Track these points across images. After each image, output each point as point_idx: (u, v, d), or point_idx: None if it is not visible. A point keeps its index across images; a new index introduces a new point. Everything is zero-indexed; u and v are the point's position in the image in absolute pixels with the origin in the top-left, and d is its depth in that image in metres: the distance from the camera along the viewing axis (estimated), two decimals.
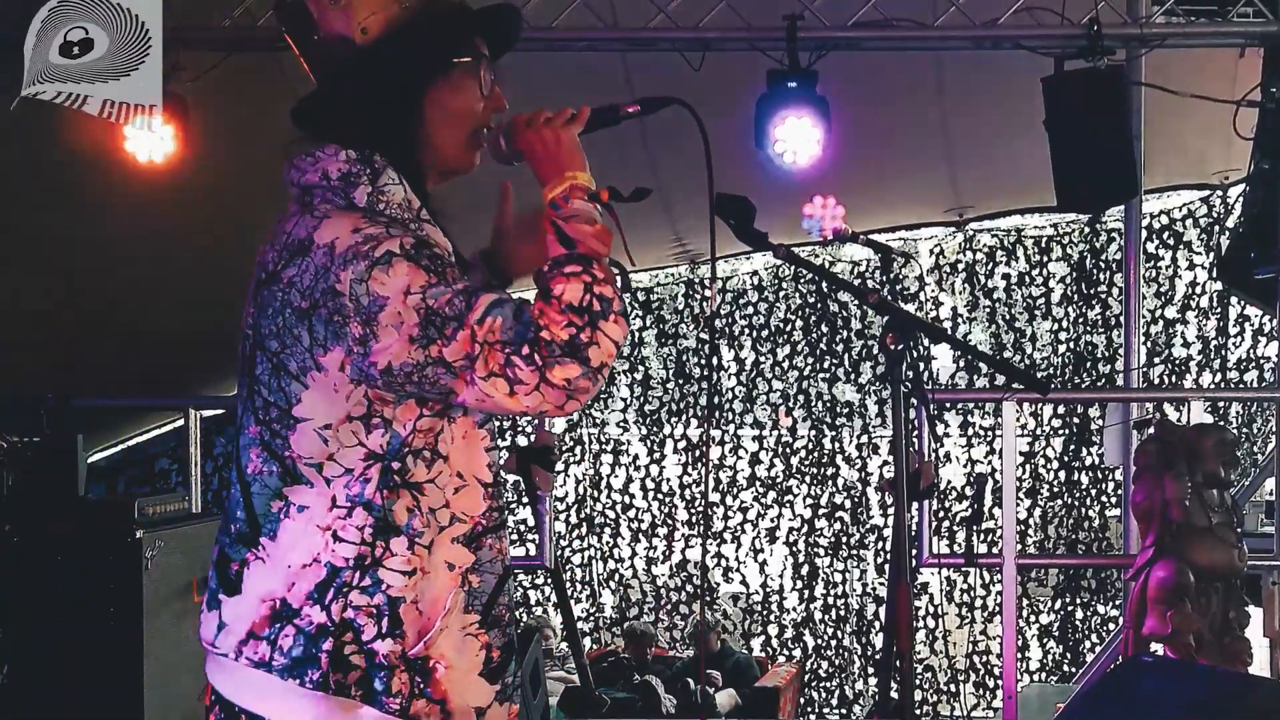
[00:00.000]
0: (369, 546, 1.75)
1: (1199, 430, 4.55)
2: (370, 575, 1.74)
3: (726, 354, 9.06)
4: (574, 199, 1.81)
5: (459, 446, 1.81)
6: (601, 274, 1.74)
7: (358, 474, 1.75)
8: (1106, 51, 5.05)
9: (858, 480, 8.94)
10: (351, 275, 1.70)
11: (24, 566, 4.23)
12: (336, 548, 1.75)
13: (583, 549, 9.16)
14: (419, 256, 1.71)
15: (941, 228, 8.71)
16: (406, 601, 1.75)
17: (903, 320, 2.39)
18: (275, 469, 1.77)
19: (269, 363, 1.78)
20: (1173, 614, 4.30)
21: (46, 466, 4.45)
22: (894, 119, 6.77)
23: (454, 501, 1.80)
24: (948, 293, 8.86)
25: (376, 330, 1.69)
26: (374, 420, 1.75)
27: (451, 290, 1.70)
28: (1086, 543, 8.71)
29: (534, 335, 1.67)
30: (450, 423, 1.80)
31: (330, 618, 1.73)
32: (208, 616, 1.82)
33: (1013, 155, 6.86)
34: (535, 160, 1.85)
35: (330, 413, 1.75)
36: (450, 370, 1.69)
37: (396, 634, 1.75)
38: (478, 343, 1.67)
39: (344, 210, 1.78)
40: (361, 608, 1.74)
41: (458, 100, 1.87)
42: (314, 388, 1.75)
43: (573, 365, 1.67)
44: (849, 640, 8.93)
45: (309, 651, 1.73)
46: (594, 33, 5.25)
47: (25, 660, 4.19)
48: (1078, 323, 8.73)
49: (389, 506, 1.76)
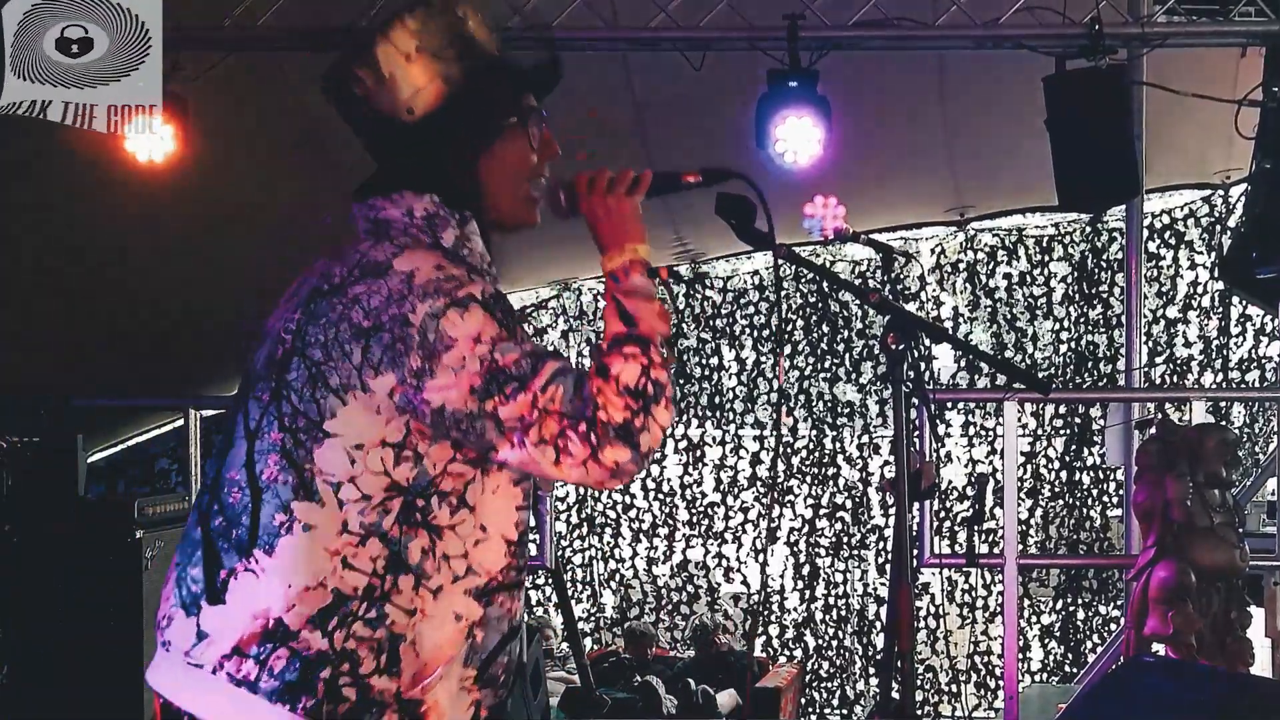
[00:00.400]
0: (380, 579, 1.72)
1: (1201, 430, 4.54)
2: (377, 608, 1.71)
3: (727, 354, 9.06)
4: (634, 273, 1.82)
5: (488, 500, 1.79)
6: (658, 357, 1.74)
7: (376, 502, 1.72)
8: (1108, 51, 5.04)
9: (859, 480, 8.94)
10: (428, 309, 1.70)
11: (24, 566, 4.24)
12: (345, 575, 1.71)
13: (583, 549, 9.16)
14: (495, 308, 1.72)
15: (943, 227, 8.71)
16: (406, 641, 1.73)
17: (904, 320, 2.38)
18: (291, 479, 1.73)
19: (307, 371, 1.76)
20: (1174, 614, 4.29)
21: (46, 466, 4.46)
22: (895, 118, 6.77)
23: (473, 553, 1.78)
24: (949, 292, 8.85)
25: (436, 368, 1.69)
26: (406, 452, 1.73)
27: (520, 350, 1.70)
28: (1088, 543, 8.71)
29: (592, 414, 1.67)
30: (484, 474, 1.78)
31: (332, 646, 1.70)
32: (183, 622, 1.77)
33: (1014, 155, 6.85)
34: (596, 227, 1.86)
35: (365, 434, 1.73)
36: (500, 428, 1.69)
37: (394, 671, 1.72)
38: (538, 409, 1.67)
39: (429, 248, 1.79)
40: (364, 640, 1.71)
41: (511, 158, 1.88)
42: (353, 405, 1.73)
43: (624, 449, 1.68)
44: (850, 640, 8.92)
45: (305, 678, 1.69)
46: (594, 32, 5.24)
47: (25, 660, 4.19)
48: (1079, 322, 8.73)
49: (405, 543, 1.73)
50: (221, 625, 1.73)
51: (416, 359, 1.69)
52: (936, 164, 7.53)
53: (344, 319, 1.73)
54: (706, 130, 6.17)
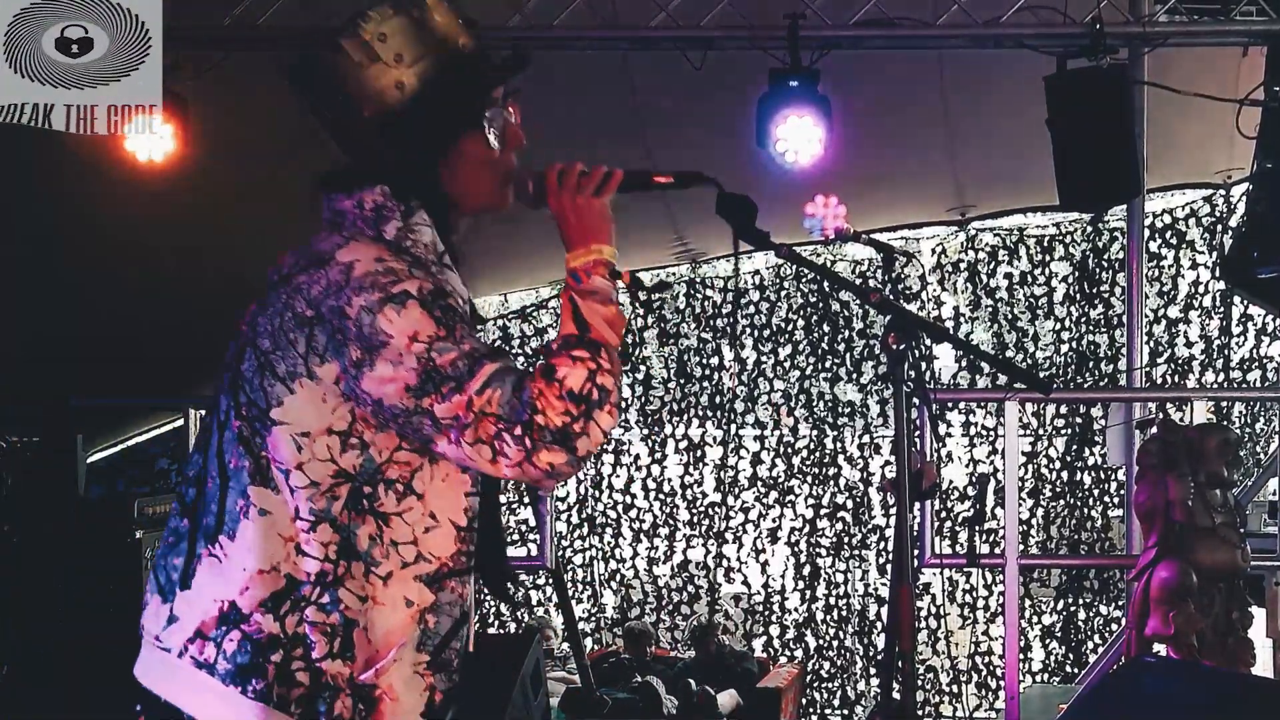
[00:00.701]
0: (333, 564, 1.74)
1: (1202, 430, 4.54)
2: (330, 593, 1.74)
3: (728, 353, 9.05)
4: (596, 274, 1.81)
5: (438, 487, 1.80)
6: (607, 363, 1.74)
7: (324, 489, 1.75)
8: (1109, 50, 5.04)
9: (859, 480, 8.93)
10: (363, 302, 1.71)
11: (24, 566, 4.23)
12: (299, 561, 1.74)
13: (584, 549, 9.15)
14: (433, 305, 1.72)
15: (943, 227, 8.70)
16: (359, 626, 1.75)
17: (905, 320, 2.38)
18: (248, 465, 1.77)
19: (256, 360, 1.78)
20: (1175, 615, 4.29)
21: (46, 466, 4.46)
22: (896, 118, 6.76)
23: (422, 540, 1.79)
24: (950, 292, 8.84)
25: (373, 361, 1.70)
26: (352, 439, 1.75)
27: (458, 350, 1.70)
28: (1089, 543, 8.70)
29: (529, 417, 1.68)
30: (433, 463, 1.79)
31: (283, 630, 1.73)
32: (158, 607, 1.81)
33: (1015, 154, 6.84)
34: (563, 224, 1.85)
35: (311, 421, 1.75)
36: (436, 426, 1.70)
37: (347, 656, 1.74)
38: (473, 411, 1.68)
39: (372, 240, 1.80)
40: (317, 624, 1.73)
41: (476, 150, 1.88)
42: (300, 394, 1.75)
43: (560, 453, 1.69)
44: (851, 641, 8.91)
45: (255, 660, 1.72)
46: (595, 32, 5.24)
47: (25, 660, 4.19)
48: (1080, 322, 8.71)
49: (353, 529, 1.75)
50: (187, 609, 1.77)
51: (356, 350, 1.71)
52: (937, 164, 7.52)
53: (288, 308, 1.76)
54: (707, 130, 6.16)
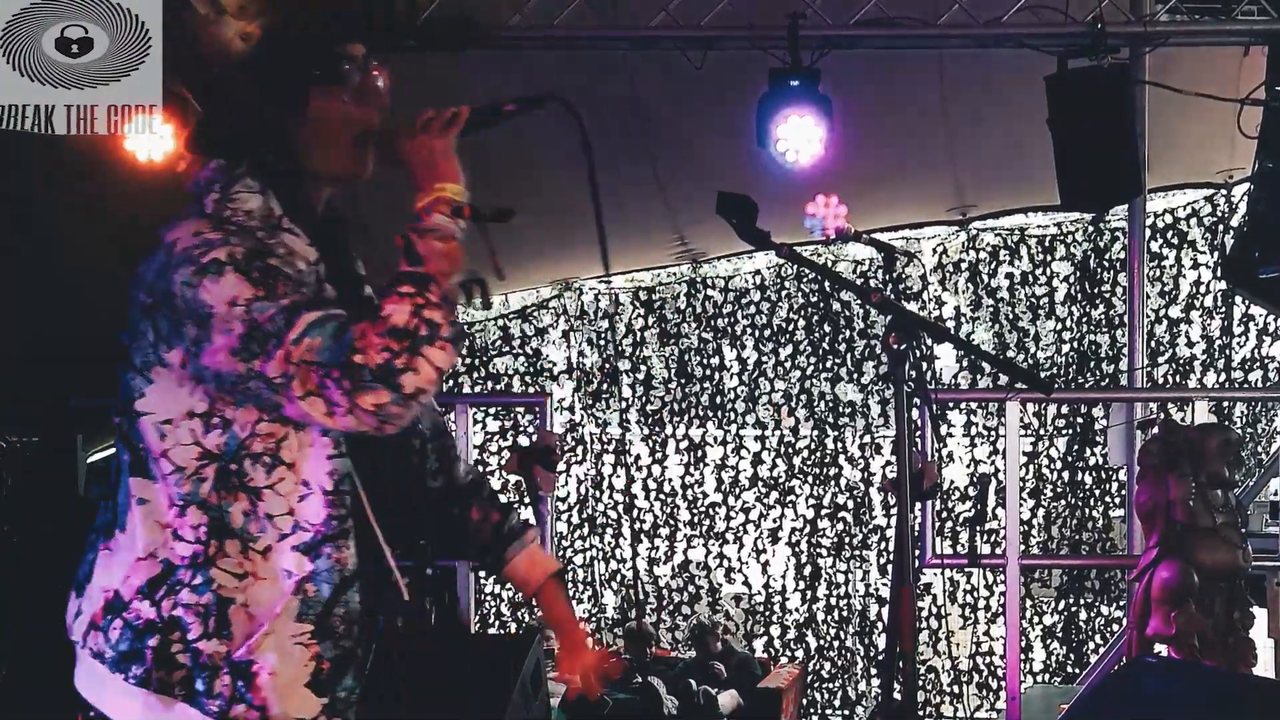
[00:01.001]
0: (204, 545, 1.76)
1: (1203, 430, 4.54)
2: (202, 574, 1.75)
3: (729, 353, 9.05)
4: (436, 213, 1.76)
5: (307, 454, 1.79)
6: (435, 297, 1.70)
7: (190, 472, 1.76)
8: (1110, 49, 5.03)
9: (860, 480, 8.93)
10: (181, 278, 1.71)
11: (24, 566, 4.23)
12: (175, 546, 1.76)
13: (584, 549, 9.15)
14: (249, 268, 1.71)
15: (944, 227, 8.69)
16: (236, 604, 1.76)
17: (905, 320, 2.38)
18: (128, 459, 1.80)
19: (123, 358, 1.81)
20: (1177, 615, 4.29)
21: (46, 466, 4.46)
22: (896, 117, 6.76)
23: (298, 509, 1.78)
24: (951, 292, 8.84)
25: (207, 335, 1.70)
26: (214, 420, 1.76)
27: (276, 306, 1.69)
28: (1090, 543, 8.69)
29: (346, 359, 1.65)
30: (298, 430, 1.78)
31: (159, 614, 1.75)
32: (72, 602, 1.85)
33: (1016, 154, 6.84)
34: (411, 169, 1.81)
35: (171, 408, 1.76)
36: (271, 386, 1.69)
37: (223, 634, 1.75)
38: (293, 363, 1.67)
39: (195, 215, 1.79)
40: (190, 606, 1.75)
41: (328, 111, 1.85)
42: (158, 382, 1.77)
43: (383, 392, 1.66)
44: (852, 641, 8.91)
45: (134, 646, 1.75)
46: (595, 31, 5.24)
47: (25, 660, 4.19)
48: (1081, 322, 8.71)
49: (225, 508, 1.76)
50: (88, 604, 1.81)
51: (191, 327, 1.71)
52: (938, 163, 7.52)
53: (134, 299, 1.78)
54: (707, 130, 6.16)
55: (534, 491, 4.10)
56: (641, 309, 8.98)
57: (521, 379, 8.98)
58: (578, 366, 9.01)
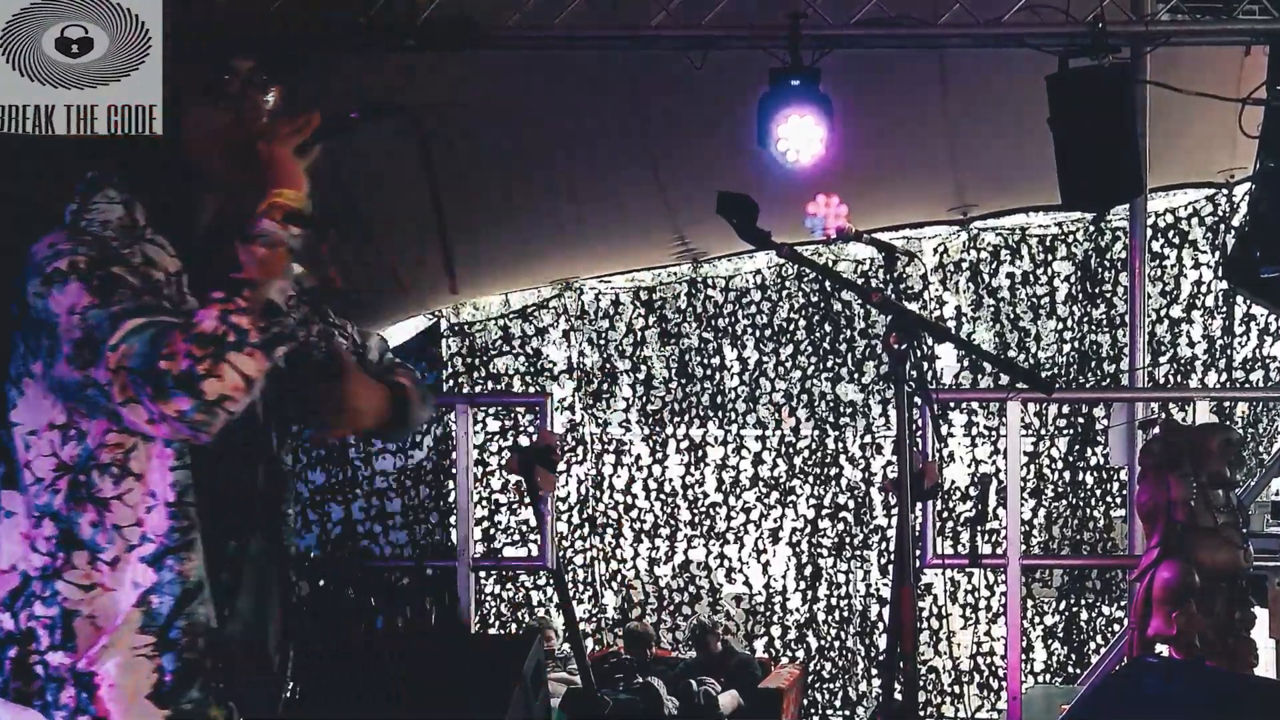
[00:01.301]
0: (52, 558, 1.78)
1: (1204, 430, 4.54)
2: (50, 586, 1.78)
3: (729, 353, 9.04)
4: (267, 219, 1.77)
5: (154, 465, 1.80)
6: (246, 303, 1.70)
7: (47, 484, 1.78)
8: (1111, 49, 5.03)
9: (861, 480, 8.92)
10: (33, 289, 1.75)
11: None
12: (31, 557, 1.79)
13: (584, 549, 9.14)
14: (90, 275, 1.73)
15: (945, 226, 8.68)
16: (82, 615, 1.77)
17: (906, 319, 2.38)
18: (3, 470, 1.83)
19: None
20: (1178, 615, 4.28)
21: None
22: (897, 117, 6.75)
23: (146, 520, 1.79)
24: (951, 292, 8.83)
25: (58, 343, 1.72)
26: (71, 431, 1.78)
27: (107, 313, 1.70)
28: (1091, 543, 8.68)
29: (153, 366, 1.66)
30: (146, 441, 1.79)
31: (17, 625, 1.78)
32: None
33: (1017, 153, 6.83)
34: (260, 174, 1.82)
35: (35, 419, 1.79)
36: (104, 394, 1.70)
37: (69, 646, 1.77)
38: (111, 369, 1.68)
39: (58, 227, 1.82)
40: (40, 618, 1.77)
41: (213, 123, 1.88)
42: (27, 394, 1.79)
43: (184, 399, 1.66)
44: (852, 641, 8.90)
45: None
46: (595, 31, 5.23)
47: None
48: (1082, 322, 8.70)
49: (74, 519, 1.78)
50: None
51: (45, 338, 1.74)
52: (939, 163, 7.51)
53: (7, 313, 1.81)
54: (708, 129, 6.16)
55: (534, 491, 4.09)
56: (642, 309, 8.97)
57: (522, 379, 8.98)
58: (578, 366, 9.01)
